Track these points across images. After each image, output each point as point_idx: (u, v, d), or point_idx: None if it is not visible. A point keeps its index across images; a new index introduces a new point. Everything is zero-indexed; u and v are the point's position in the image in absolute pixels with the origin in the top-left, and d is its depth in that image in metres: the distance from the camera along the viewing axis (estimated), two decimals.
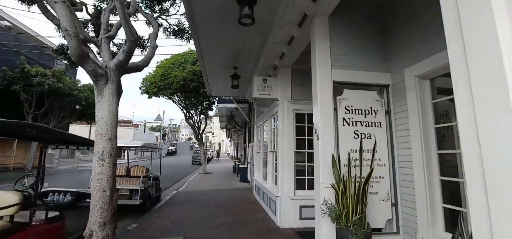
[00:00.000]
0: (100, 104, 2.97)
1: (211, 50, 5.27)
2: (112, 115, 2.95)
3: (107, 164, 2.79)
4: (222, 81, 7.36)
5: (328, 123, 2.95)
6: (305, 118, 4.93)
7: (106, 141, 2.84)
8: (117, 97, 3.10)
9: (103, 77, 3.00)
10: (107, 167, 2.78)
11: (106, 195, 2.72)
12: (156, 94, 13.26)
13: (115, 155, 2.94)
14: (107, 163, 2.78)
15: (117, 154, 3.24)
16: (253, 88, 5.08)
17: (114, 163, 2.91)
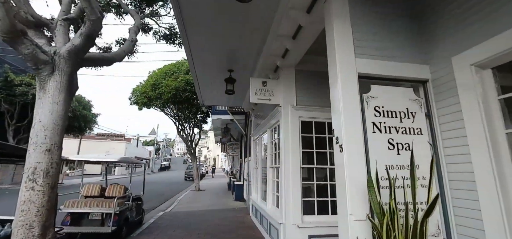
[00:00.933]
0: (40, 102, 2.14)
1: (202, 51, 4.54)
2: (56, 118, 2.12)
3: (40, 187, 1.93)
4: (215, 88, 6.60)
5: (354, 129, 2.16)
6: (312, 127, 4.14)
7: (42, 153, 1.99)
8: (66, 94, 2.28)
9: (47, 65, 2.20)
10: (39, 192, 1.91)
11: (34, 235, 1.82)
12: (146, 105, 12.41)
13: (56, 174, 2.07)
14: (39, 186, 1.92)
15: (108, 170, 2.41)
16: (251, 93, 4.31)
17: (53, 186, 2.03)
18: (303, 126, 4.10)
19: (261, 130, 6.04)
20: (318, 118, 4.15)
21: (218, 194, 13.29)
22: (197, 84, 6.22)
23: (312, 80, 4.35)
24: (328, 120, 4.18)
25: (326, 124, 4.18)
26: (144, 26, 7.82)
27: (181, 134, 14.54)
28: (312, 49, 3.99)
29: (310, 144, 4.13)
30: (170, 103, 11.65)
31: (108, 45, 7.60)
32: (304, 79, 4.32)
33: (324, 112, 4.16)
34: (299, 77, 4.30)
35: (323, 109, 4.16)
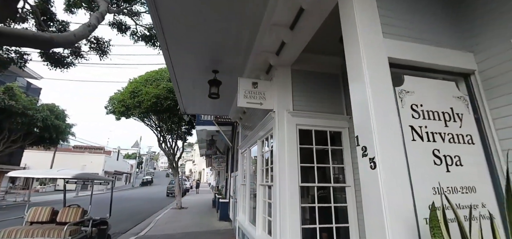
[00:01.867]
0: None
1: (181, 48, 3.82)
2: None
3: None
4: (198, 94, 5.83)
5: (392, 136, 1.49)
6: (312, 136, 3.45)
7: None
8: None
9: None
10: None
11: None
12: (124, 114, 11.33)
13: None
14: None
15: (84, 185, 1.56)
16: (239, 95, 3.60)
17: None
18: (301, 135, 3.41)
19: (250, 141, 5.29)
20: (318, 126, 3.49)
21: (201, 213, 12.16)
22: (177, 88, 5.43)
23: (311, 82, 3.72)
24: (331, 128, 3.53)
25: (328, 133, 3.51)
26: (121, 25, 7.05)
27: (163, 146, 13.44)
28: (310, 47, 3.39)
29: (309, 157, 3.43)
30: (150, 112, 10.67)
31: (78, 45, 6.72)
32: (301, 81, 3.68)
33: (325, 119, 3.51)
34: (296, 78, 3.66)
35: (323, 115, 3.51)
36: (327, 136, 3.50)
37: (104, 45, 6.79)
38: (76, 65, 6.66)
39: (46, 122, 16.00)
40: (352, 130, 3.49)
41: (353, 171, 3.38)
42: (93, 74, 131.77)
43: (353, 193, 3.32)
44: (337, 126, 3.54)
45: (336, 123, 3.54)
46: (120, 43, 33.17)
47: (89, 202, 5.07)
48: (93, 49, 6.67)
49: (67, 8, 6.30)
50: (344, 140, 3.53)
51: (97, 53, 6.69)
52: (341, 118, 3.57)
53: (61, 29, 6.04)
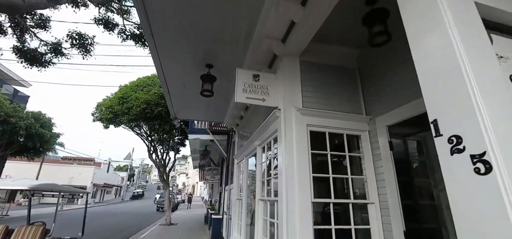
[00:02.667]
0: None
1: (170, 36, 3.23)
2: None
3: None
4: (191, 96, 5.19)
5: (508, 110, 0.86)
6: (326, 140, 2.81)
7: None
8: None
9: None
10: None
11: None
12: (111, 122, 10.54)
13: None
14: None
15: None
16: (237, 89, 2.97)
17: None
18: (313, 139, 2.76)
19: (248, 149, 4.61)
20: (333, 128, 2.85)
21: (191, 230, 11.17)
22: (165, 88, 4.77)
23: (323, 76, 3.13)
24: (348, 130, 2.90)
25: (345, 136, 2.88)
26: (108, 23, 6.47)
27: (153, 156, 12.58)
28: (322, 35, 2.85)
29: (322, 167, 2.77)
30: (140, 119, 9.92)
31: (57, 39, 6.06)
32: (312, 74, 3.08)
33: (341, 120, 2.89)
34: (305, 71, 3.06)
35: (339, 115, 2.89)
36: (344, 140, 2.86)
37: (87, 41, 6.16)
38: (55, 64, 6.02)
39: (30, 130, 14.99)
40: (373, 133, 2.87)
41: (377, 183, 2.72)
42: (91, 82, 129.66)
43: (378, 211, 2.65)
44: (355, 128, 2.92)
45: (353, 124, 2.92)
46: (120, 50, 32.35)
47: (53, 220, 4.24)
48: (75, 46, 6.03)
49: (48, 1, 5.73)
50: (364, 145, 2.90)
51: (80, 52, 6.01)
52: (359, 119, 2.96)
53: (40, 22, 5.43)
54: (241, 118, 5.98)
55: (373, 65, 3.07)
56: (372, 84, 3.03)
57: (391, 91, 2.70)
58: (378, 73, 2.93)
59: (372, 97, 2.99)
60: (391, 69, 2.73)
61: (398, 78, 2.62)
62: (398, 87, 2.59)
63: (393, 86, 2.67)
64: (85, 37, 6.14)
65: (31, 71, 17.86)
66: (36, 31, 5.87)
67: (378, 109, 2.85)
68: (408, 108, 2.41)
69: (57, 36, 5.92)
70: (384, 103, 2.77)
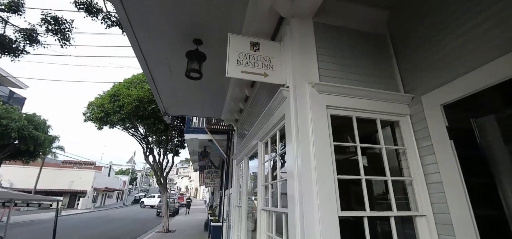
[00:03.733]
0: None
1: (145, 5, 2.48)
2: None
3: None
4: (179, 85, 4.43)
5: None
6: (353, 128, 2.01)
7: None
8: None
9: None
10: None
11: None
12: (102, 121, 9.84)
13: None
14: None
15: None
16: (229, 61, 2.19)
17: None
18: (335, 128, 1.96)
19: (248, 147, 3.83)
20: (363, 111, 2.06)
21: (191, 237, 10.37)
22: (149, 75, 4.01)
23: (345, 42, 2.34)
24: (382, 114, 2.10)
25: (379, 123, 2.07)
26: (91, 7, 5.77)
27: (149, 159, 11.85)
28: None
29: (348, 166, 1.98)
30: (132, 118, 9.20)
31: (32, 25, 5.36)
32: (330, 40, 2.30)
33: (372, 101, 2.09)
34: (321, 35, 2.27)
35: (369, 93, 2.10)
36: (378, 128, 2.06)
37: (64, 27, 5.46)
38: (28, 53, 5.33)
39: (22, 132, 14.40)
40: (417, 118, 2.06)
41: (429, 187, 1.91)
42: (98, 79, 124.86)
43: (433, 227, 1.83)
44: (391, 112, 2.12)
45: (389, 106, 2.12)
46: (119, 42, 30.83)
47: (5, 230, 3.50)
48: (51, 32, 5.33)
49: None
50: (406, 135, 2.09)
51: (58, 39, 5.31)
52: (397, 99, 2.15)
53: None
54: (240, 112, 5.20)
55: (410, 29, 2.28)
56: (410, 52, 2.24)
57: (442, 57, 1.91)
58: (420, 38, 2.14)
59: (412, 70, 2.20)
60: (440, 29, 1.95)
61: (454, 37, 1.83)
62: (457, 49, 1.80)
63: (446, 50, 1.88)
64: (62, 21, 5.43)
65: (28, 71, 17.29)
66: (8, 16, 5.21)
67: (423, 84, 2.05)
68: (477, 76, 1.62)
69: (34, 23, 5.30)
70: (432, 75, 1.98)
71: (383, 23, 2.53)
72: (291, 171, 1.87)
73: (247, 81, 3.85)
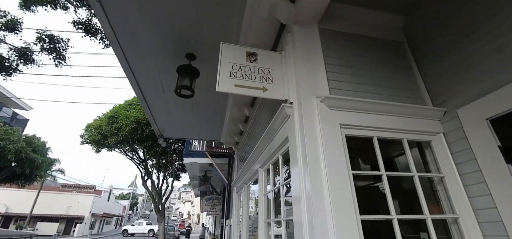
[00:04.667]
0: None
1: (130, 16, 2.25)
2: None
3: None
4: (173, 105, 4.13)
5: None
6: (374, 152, 1.60)
7: None
8: None
9: None
10: None
11: None
12: (99, 144, 9.53)
13: None
14: None
15: None
16: (220, 73, 1.85)
17: None
18: (352, 149, 1.56)
19: (248, 173, 3.40)
20: (385, 130, 1.66)
21: None
22: (140, 94, 3.72)
23: (356, 50, 2.01)
24: (409, 133, 1.70)
25: (406, 143, 1.67)
26: (90, 27, 5.68)
27: (147, 184, 11.33)
28: None
29: (371, 197, 1.55)
30: (130, 141, 8.87)
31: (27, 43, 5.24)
32: (339, 47, 1.97)
33: (395, 117, 1.70)
34: (328, 43, 1.95)
35: (391, 108, 1.72)
36: (406, 151, 1.65)
37: (60, 45, 5.32)
38: (21, 72, 5.19)
39: (20, 155, 14.09)
40: (456, 136, 1.65)
41: (483, 230, 1.45)
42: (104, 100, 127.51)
43: None
44: (420, 130, 1.72)
45: (417, 123, 1.73)
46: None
47: None
48: (46, 51, 5.19)
49: (23, 4, 5.01)
50: (441, 158, 1.68)
51: (53, 58, 5.17)
52: (425, 114, 1.76)
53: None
54: (240, 134, 4.83)
55: (431, 34, 1.95)
56: (435, 60, 1.89)
57: (478, 62, 1.56)
58: (446, 43, 1.81)
59: (439, 80, 1.84)
60: (471, 31, 1.62)
61: (491, 38, 1.49)
62: (498, 51, 1.45)
63: (483, 53, 1.53)
64: (57, 40, 5.31)
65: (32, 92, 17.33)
66: (4, 34, 5.14)
67: (456, 95, 1.68)
68: None
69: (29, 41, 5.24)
70: (467, 84, 1.61)
71: (398, 28, 2.22)
72: (300, 212, 1.44)
73: (247, 99, 3.53)
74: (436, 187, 1.68)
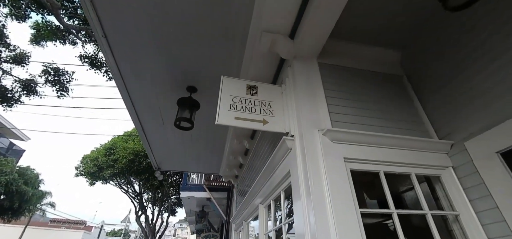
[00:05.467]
0: None
1: (135, 52, 2.34)
2: None
3: None
4: (172, 136, 4.08)
5: None
6: (382, 188, 1.51)
7: None
8: None
9: None
10: None
11: None
12: (95, 176, 9.26)
13: None
14: None
15: None
16: (220, 105, 1.84)
17: None
18: (356, 185, 1.48)
19: (248, 209, 3.22)
20: (392, 164, 1.59)
21: None
22: (139, 127, 3.69)
23: (356, 83, 2.03)
24: (418, 167, 1.63)
25: (415, 178, 1.59)
26: (96, 62, 5.86)
27: (141, 220, 10.77)
28: (346, 29, 1.90)
29: (382, 235, 1.42)
30: (126, 174, 8.63)
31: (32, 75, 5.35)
32: (339, 80, 1.99)
33: (401, 150, 1.65)
34: (328, 76, 1.97)
35: (396, 142, 1.67)
36: (415, 186, 1.57)
37: (64, 77, 5.43)
38: (23, 103, 5.22)
39: (10, 187, 13.59)
40: (466, 170, 1.58)
41: None
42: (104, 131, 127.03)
43: None
44: (428, 164, 1.65)
45: (424, 157, 1.66)
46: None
47: None
48: (49, 83, 5.28)
49: (34, 39, 5.24)
50: (453, 194, 1.58)
51: (56, 89, 5.25)
52: (432, 147, 1.71)
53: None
54: (240, 167, 4.70)
55: (429, 68, 1.99)
56: (436, 93, 1.89)
57: (480, 94, 1.56)
58: (446, 76, 1.83)
59: (442, 112, 1.82)
60: (469, 63, 1.64)
61: (491, 72, 1.50)
62: (499, 84, 1.45)
63: (484, 86, 1.54)
64: (62, 72, 5.43)
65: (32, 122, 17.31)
66: (11, 67, 5.29)
67: (462, 128, 1.65)
68: None
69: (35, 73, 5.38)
70: (472, 116, 1.58)
71: (396, 63, 2.26)
72: None
73: (247, 131, 3.49)
74: (451, 226, 1.56)
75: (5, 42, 4.97)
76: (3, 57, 4.91)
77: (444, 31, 1.87)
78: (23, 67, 5.42)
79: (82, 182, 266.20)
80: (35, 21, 5.26)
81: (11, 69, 5.30)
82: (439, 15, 1.88)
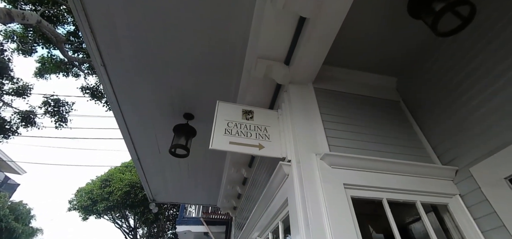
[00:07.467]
0: None
1: (131, 81, 2.40)
2: None
3: None
4: (168, 167, 3.98)
5: None
6: (386, 216, 1.40)
7: None
8: None
9: None
10: None
11: None
12: (88, 210, 8.87)
13: None
14: None
15: None
16: (214, 130, 1.80)
17: None
18: (359, 216, 1.37)
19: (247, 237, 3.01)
20: (396, 191, 1.50)
21: None
22: (135, 156, 3.61)
23: (356, 106, 2.01)
24: (423, 195, 1.53)
25: (421, 207, 1.48)
26: (97, 93, 5.96)
27: None
28: (340, 56, 1.96)
29: None
30: (121, 206, 8.28)
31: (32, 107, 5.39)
32: (338, 106, 1.97)
33: (404, 176, 1.56)
34: (324, 101, 1.96)
35: (398, 167, 1.59)
36: (421, 215, 1.45)
37: (64, 108, 5.46)
38: (20, 135, 5.19)
39: (0, 224, 13.00)
40: (475, 198, 1.48)
41: None
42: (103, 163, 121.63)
43: None
44: (433, 191, 1.55)
45: (429, 183, 1.57)
46: None
47: None
48: (49, 114, 5.30)
49: (38, 72, 5.40)
50: (464, 225, 1.46)
51: (55, 120, 5.24)
52: (436, 173, 1.62)
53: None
54: (238, 198, 4.51)
55: (426, 93, 1.98)
56: (432, 118, 1.87)
57: (481, 118, 1.52)
58: (441, 102, 1.81)
59: (443, 137, 1.77)
60: (462, 91, 1.64)
61: (488, 97, 1.49)
62: (498, 111, 1.42)
63: (484, 110, 1.51)
64: (62, 103, 5.48)
65: (28, 153, 17.13)
66: (12, 99, 5.36)
67: (466, 153, 1.58)
68: None
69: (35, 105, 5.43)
70: (475, 141, 1.53)
71: (392, 89, 2.27)
72: None
73: (244, 159, 3.40)
74: None
75: (8, 75, 5.14)
76: (5, 89, 5.04)
77: (438, 57, 1.89)
78: (24, 99, 5.52)
79: (76, 217, 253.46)
80: (41, 55, 5.49)
81: (12, 101, 5.40)
82: (433, 42, 1.92)
